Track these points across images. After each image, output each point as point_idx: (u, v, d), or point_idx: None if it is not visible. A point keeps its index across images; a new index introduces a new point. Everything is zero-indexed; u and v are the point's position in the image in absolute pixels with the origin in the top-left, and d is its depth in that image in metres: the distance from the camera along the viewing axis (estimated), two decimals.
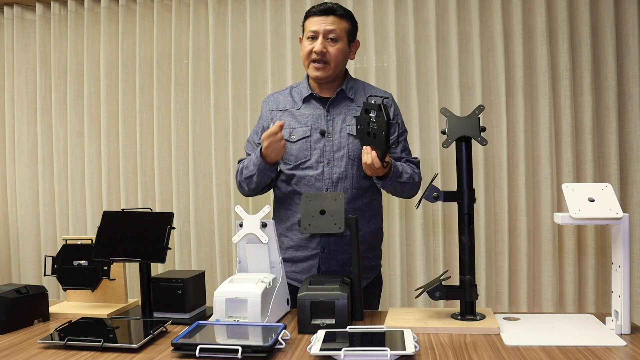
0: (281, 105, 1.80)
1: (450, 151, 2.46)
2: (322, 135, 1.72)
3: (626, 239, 1.23)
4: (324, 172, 1.71)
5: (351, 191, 1.71)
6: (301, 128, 1.74)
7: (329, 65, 1.69)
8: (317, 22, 1.69)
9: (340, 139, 1.71)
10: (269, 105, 1.83)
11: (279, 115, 1.78)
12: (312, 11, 1.71)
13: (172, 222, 1.53)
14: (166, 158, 2.79)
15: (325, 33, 1.68)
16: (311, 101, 1.77)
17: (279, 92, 1.86)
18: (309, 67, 1.72)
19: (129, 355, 1.17)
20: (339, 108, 1.75)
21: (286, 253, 1.77)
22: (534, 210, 2.54)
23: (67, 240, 1.61)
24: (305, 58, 1.72)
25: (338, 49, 1.69)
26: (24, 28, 2.96)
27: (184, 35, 2.78)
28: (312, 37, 1.70)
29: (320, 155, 1.71)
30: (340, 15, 1.70)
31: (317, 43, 1.68)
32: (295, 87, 1.83)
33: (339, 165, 1.71)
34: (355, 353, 1.08)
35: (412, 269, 2.63)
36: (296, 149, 1.73)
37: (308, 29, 1.71)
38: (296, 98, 1.79)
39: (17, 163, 2.96)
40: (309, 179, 1.70)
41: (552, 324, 1.32)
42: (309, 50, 1.70)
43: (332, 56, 1.69)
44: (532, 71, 2.54)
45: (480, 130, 1.35)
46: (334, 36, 1.68)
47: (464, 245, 1.37)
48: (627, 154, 2.48)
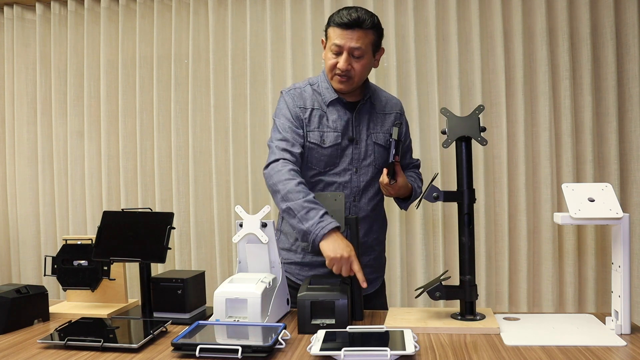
0: (308, 103, 1.68)
1: (450, 151, 2.46)
2: (350, 142, 1.67)
3: (626, 239, 1.23)
4: (352, 180, 1.68)
5: (374, 199, 1.73)
6: (332, 133, 1.66)
7: (353, 80, 1.61)
8: (342, 37, 1.56)
9: (367, 147, 1.68)
10: (294, 101, 1.68)
11: (307, 113, 1.66)
12: (337, 22, 1.57)
13: (172, 222, 1.53)
14: (166, 158, 2.79)
15: (350, 50, 1.57)
16: (337, 105, 1.68)
17: (300, 87, 1.72)
18: (333, 79, 1.63)
19: (129, 355, 1.17)
20: (363, 114, 1.70)
21: (305, 257, 1.72)
22: (534, 210, 2.54)
23: (67, 240, 1.61)
24: (329, 70, 1.63)
25: (363, 64, 1.60)
26: (24, 28, 2.96)
27: (184, 35, 2.78)
28: (336, 51, 1.59)
29: (349, 163, 1.67)
30: (366, 28, 1.56)
31: (342, 60, 1.57)
32: (315, 85, 1.71)
33: (365, 173, 1.69)
34: (355, 353, 1.08)
35: (412, 269, 2.63)
36: (327, 155, 1.66)
37: (332, 41, 1.59)
38: (320, 99, 1.68)
39: (17, 163, 2.96)
40: (337, 185, 1.67)
41: (552, 324, 1.32)
42: (333, 65, 1.60)
43: (356, 72, 1.60)
44: (532, 71, 2.54)
45: (480, 130, 1.35)
46: (359, 53, 1.57)
47: (464, 245, 1.37)
48: (627, 154, 2.48)
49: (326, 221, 1.42)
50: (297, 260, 1.72)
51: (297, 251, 1.73)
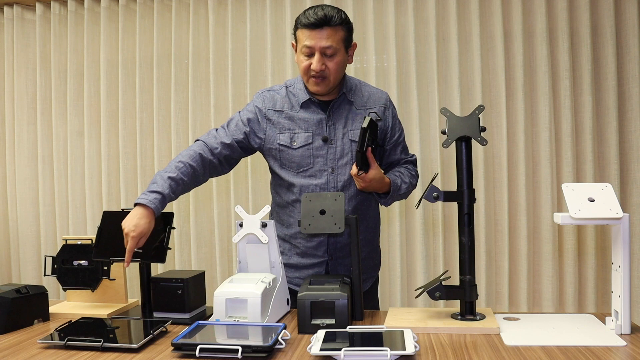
0: (278, 105, 1.68)
1: (450, 151, 2.46)
2: (324, 142, 1.64)
3: (626, 239, 1.23)
4: (329, 181, 1.65)
5: (355, 198, 1.67)
6: (303, 134, 1.65)
7: (328, 79, 1.59)
8: (311, 37, 1.54)
9: (343, 146, 1.65)
10: (264, 103, 1.69)
11: (276, 116, 1.67)
12: (304, 23, 1.54)
13: (172, 222, 1.53)
14: (166, 158, 2.79)
15: (322, 49, 1.54)
16: (310, 105, 1.67)
17: (274, 90, 1.72)
18: (309, 82, 1.62)
19: (129, 355, 1.17)
20: (339, 112, 1.67)
21: (291, 259, 1.72)
22: (534, 210, 2.54)
23: (67, 240, 1.61)
24: (303, 73, 1.61)
25: (337, 62, 1.58)
26: (24, 28, 2.96)
27: (184, 35, 2.78)
28: (307, 53, 1.57)
29: (324, 164, 1.65)
30: (334, 25, 1.54)
31: (315, 61, 1.55)
32: (291, 87, 1.71)
33: (343, 173, 1.65)
34: (355, 353, 1.08)
35: (412, 269, 2.63)
36: (298, 156, 1.65)
37: (302, 43, 1.57)
38: (293, 100, 1.68)
39: (17, 163, 2.96)
40: (314, 188, 1.64)
41: (552, 324, 1.32)
42: (306, 67, 1.58)
43: (331, 71, 1.58)
44: (532, 71, 2.54)
45: (480, 130, 1.35)
46: (331, 52, 1.55)
47: (464, 245, 1.37)
48: (627, 154, 2.48)
49: (142, 196, 1.50)
50: (284, 262, 1.71)
51: (284, 253, 1.73)
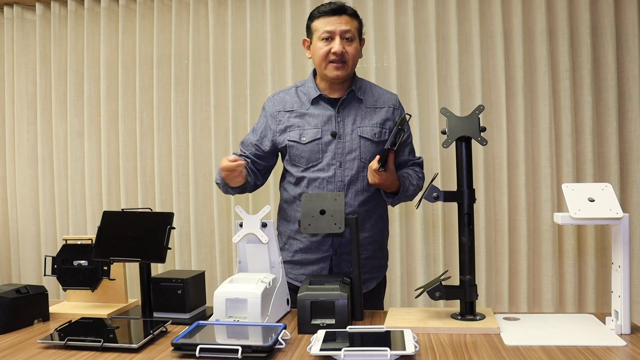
0: (288, 105, 1.74)
1: (450, 151, 2.46)
2: (333, 137, 1.69)
3: (626, 239, 1.23)
4: (336, 175, 1.68)
5: (362, 194, 1.70)
6: (311, 130, 1.70)
7: (347, 65, 1.67)
8: (332, 23, 1.65)
9: (351, 141, 1.69)
10: (275, 106, 1.76)
11: (287, 116, 1.73)
12: (323, 11, 1.67)
13: (172, 222, 1.53)
14: (166, 158, 2.79)
15: (342, 33, 1.65)
16: (320, 102, 1.73)
17: (283, 92, 1.80)
18: (327, 68, 1.67)
19: (129, 355, 1.17)
20: (349, 109, 1.72)
21: (295, 256, 1.74)
22: (534, 210, 2.54)
23: (67, 240, 1.61)
24: (322, 59, 1.67)
25: (355, 47, 1.68)
26: (24, 28, 2.96)
27: (184, 35, 2.78)
28: (327, 37, 1.66)
29: (332, 158, 1.69)
30: (351, 15, 1.68)
31: (336, 44, 1.64)
32: (301, 87, 1.78)
33: (350, 168, 1.68)
34: (355, 353, 1.08)
35: (412, 269, 2.63)
36: (307, 151, 1.69)
37: (321, 30, 1.66)
38: (303, 99, 1.74)
39: (17, 163, 2.96)
40: (321, 181, 1.68)
41: (552, 324, 1.32)
42: (327, 52, 1.66)
43: (350, 56, 1.67)
44: (532, 71, 2.54)
45: (480, 130, 1.35)
46: (350, 36, 1.66)
47: (464, 245, 1.37)
48: (627, 154, 2.48)
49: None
50: (288, 258, 1.75)
51: (288, 250, 1.75)
